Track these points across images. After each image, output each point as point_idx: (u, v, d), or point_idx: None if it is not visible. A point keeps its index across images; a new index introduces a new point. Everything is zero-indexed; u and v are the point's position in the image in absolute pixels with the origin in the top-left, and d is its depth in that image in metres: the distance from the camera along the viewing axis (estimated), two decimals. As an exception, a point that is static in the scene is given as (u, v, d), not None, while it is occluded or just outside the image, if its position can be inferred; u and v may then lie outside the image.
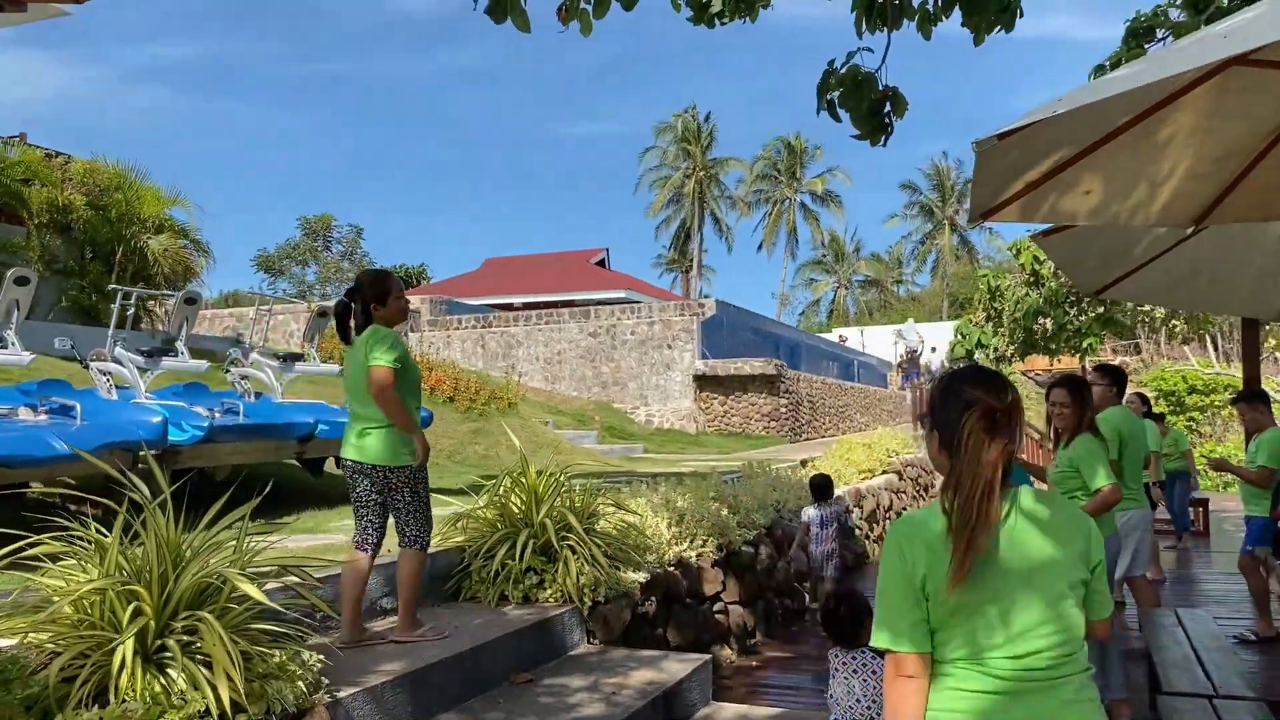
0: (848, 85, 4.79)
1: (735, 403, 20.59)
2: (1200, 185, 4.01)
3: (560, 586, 5.55)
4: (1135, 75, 2.81)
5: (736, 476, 10.32)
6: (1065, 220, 3.96)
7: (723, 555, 7.36)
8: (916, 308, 60.81)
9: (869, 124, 4.86)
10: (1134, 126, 3.49)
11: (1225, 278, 5.85)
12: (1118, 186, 3.84)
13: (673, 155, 61.97)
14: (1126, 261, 5.59)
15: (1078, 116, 3.05)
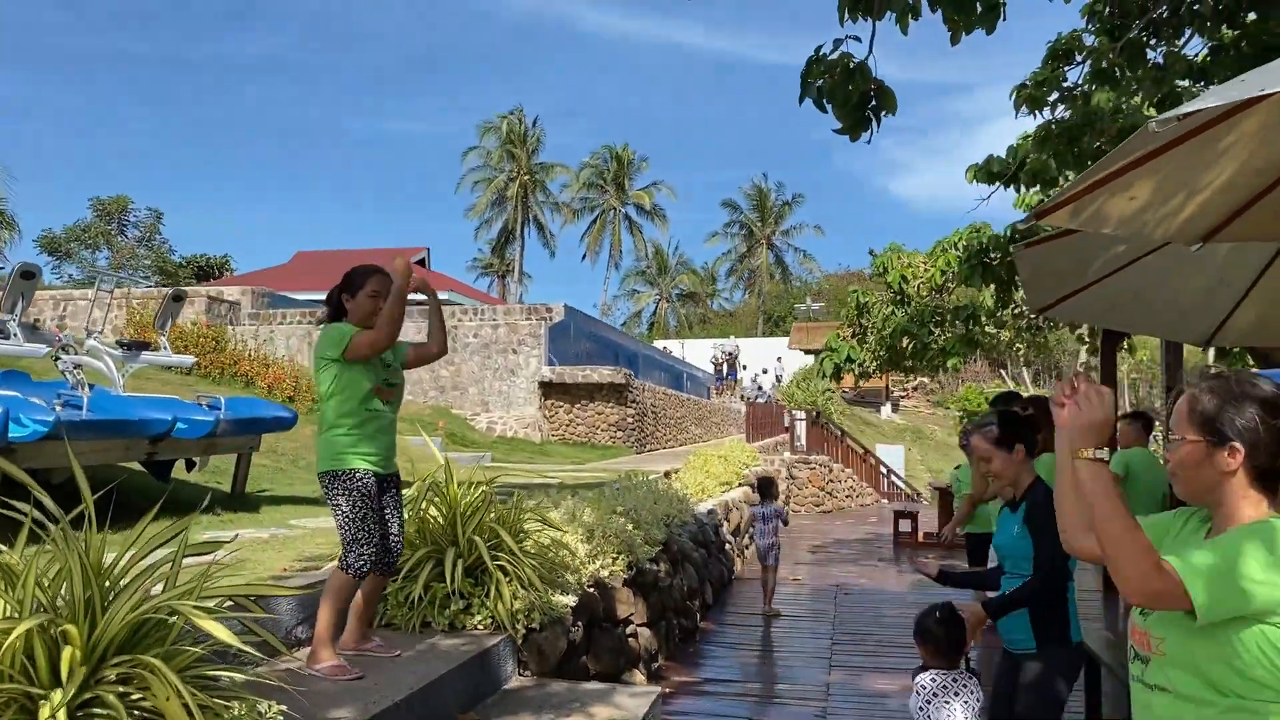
0: (838, 74, 4.47)
1: (582, 411, 20.15)
2: (1222, 201, 3.90)
3: (491, 612, 4.97)
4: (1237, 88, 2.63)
5: (615, 489, 9.92)
6: (1100, 226, 3.78)
7: (632, 574, 6.92)
8: (734, 323, 62.21)
9: (853, 117, 4.56)
10: (1203, 133, 3.30)
11: (1159, 302, 5.90)
12: (1161, 195, 3.66)
13: (497, 157, 61.05)
14: (1075, 281, 5.53)
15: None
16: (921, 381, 49.35)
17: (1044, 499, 3.60)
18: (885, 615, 9.26)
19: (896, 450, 29.46)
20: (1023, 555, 3.61)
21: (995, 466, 3.69)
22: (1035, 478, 3.72)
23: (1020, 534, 3.62)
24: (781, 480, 19.44)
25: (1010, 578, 3.70)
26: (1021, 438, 3.71)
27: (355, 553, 4.03)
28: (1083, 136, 7.35)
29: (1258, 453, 1.91)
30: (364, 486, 4.05)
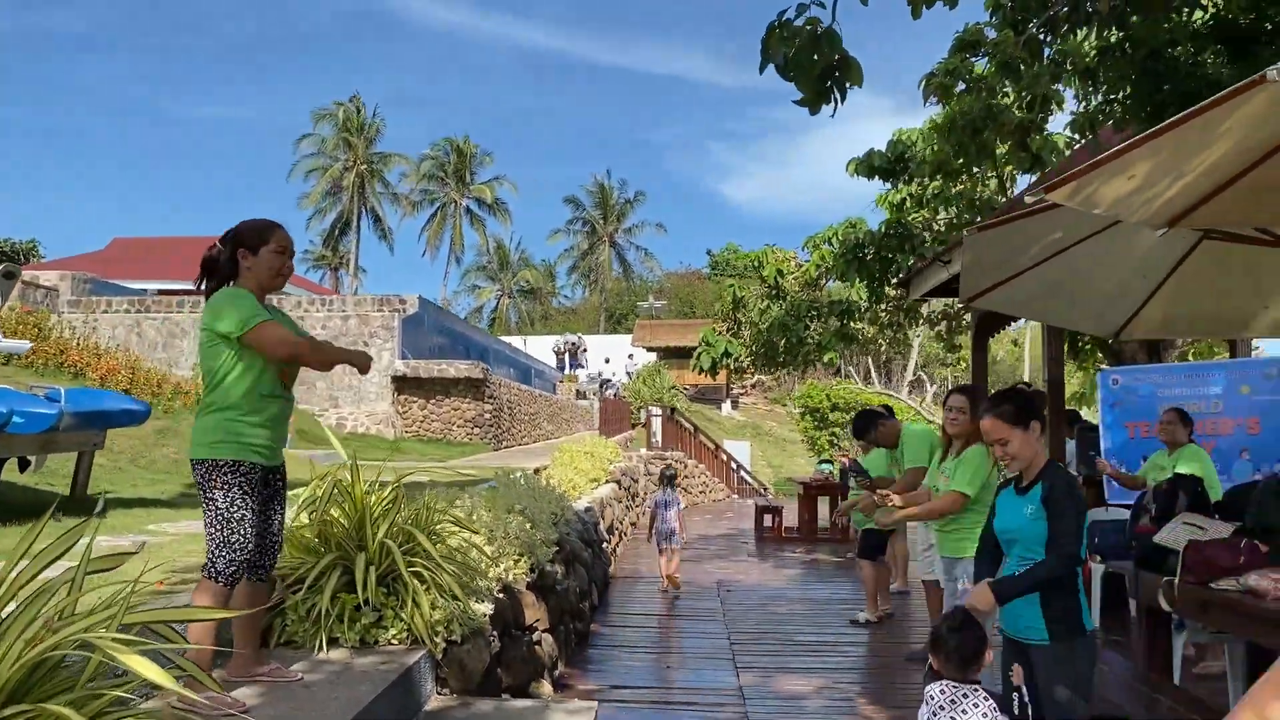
0: (804, 39, 4.18)
1: (437, 407, 19.37)
2: (1196, 185, 3.82)
3: (407, 624, 4.45)
4: None
5: (491, 486, 9.44)
6: (1093, 206, 3.63)
7: (534, 577, 6.48)
8: (576, 320, 62.00)
9: (815, 88, 4.28)
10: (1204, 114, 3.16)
11: (1077, 294, 5.90)
12: (1155, 176, 3.54)
13: (332, 145, 58.80)
14: (1007, 270, 5.45)
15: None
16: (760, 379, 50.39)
17: (1064, 480, 3.49)
18: (775, 612, 9.11)
19: (743, 446, 29.84)
20: (1036, 538, 3.43)
21: (1014, 447, 3.52)
22: (1049, 459, 3.57)
23: (1035, 515, 3.45)
24: (639, 477, 19.26)
25: (1020, 562, 3.50)
26: (1036, 415, 3.55)
27: (225, 557, 3.48)
28: (984, 129, 7.37)
29: None
30: (248, 481, 3.51)
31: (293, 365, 3.73)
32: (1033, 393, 3.72)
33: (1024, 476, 3.57)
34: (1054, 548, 3.35)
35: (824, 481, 15.05)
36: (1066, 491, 3.41)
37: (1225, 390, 7.65)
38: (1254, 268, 5.53)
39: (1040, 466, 3.53)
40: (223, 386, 3.50)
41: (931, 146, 10.64)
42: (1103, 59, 7.76)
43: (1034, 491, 3.48)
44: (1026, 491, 3.53)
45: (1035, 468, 3.53)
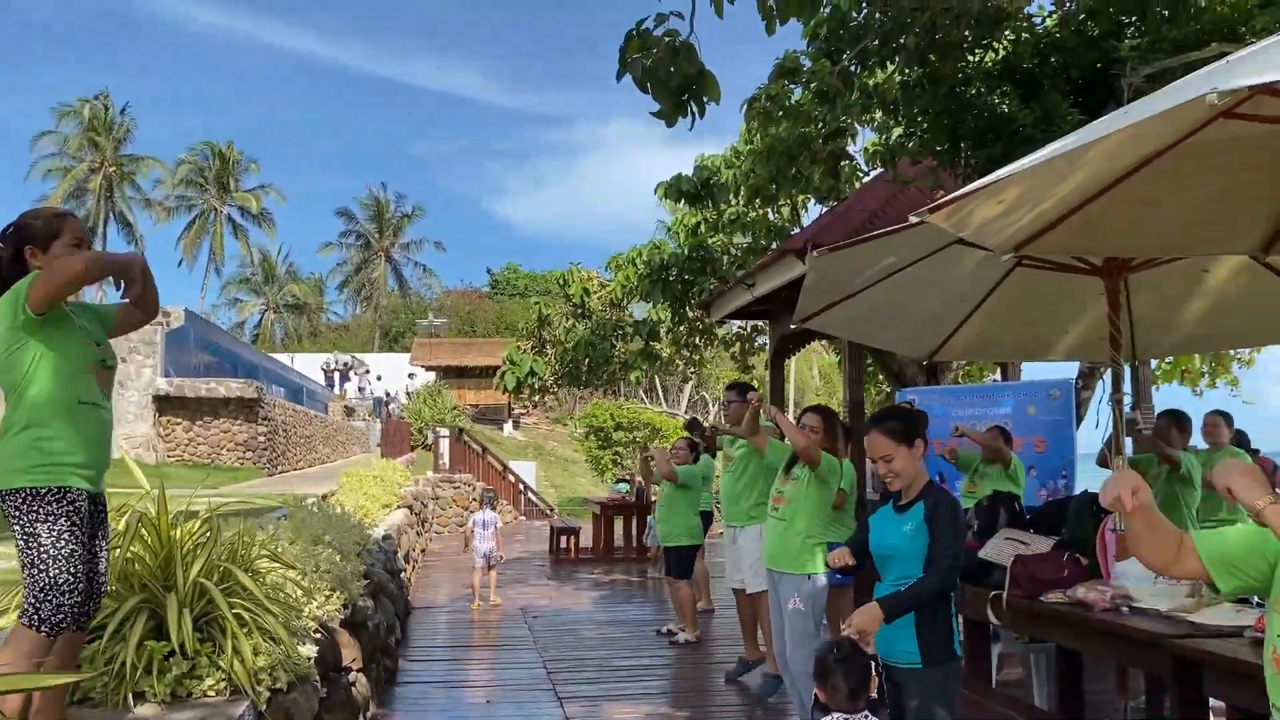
0: (662, 51, 4.07)
1: (204, 430, 17.94)
2: (1045, 213, 3.97)
3: (226, 672, 3.96)
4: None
5: (282, 515, 8.78)
6: (961, 229, 3.69)
7: (348, 613, 6.01)
8: (348, 337, 59.77)
9: (672, 100, 4.19)
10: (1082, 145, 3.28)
11: (901, 318, 6.09)
12: (1020, 202, 3.64)
13: (76, 144, 54.19)
14: (841, 292, 5.55)
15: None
16: (541, 399, 50.21)
17: (945, 499, 3.50)
18: (586, 637, 8.94)
19: (529, 466, 29.53)
20: (915, 556, 3.42)
21: (898, 464, 3.49)
22: (929, 479, 3.58)
23: (915, 533, 3.43)
24: (428, 501, 18.64)
25: (897, 580, 3.47)
26: (919, 434, 3.55)
27: (52, 601, 2.98)
28: (799, 156, 7.55)
29: None
30: (75, 510, 3.01)
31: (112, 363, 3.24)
32: (917, 412, 3.74)
33: (904, 494, 3.57)
34: (937, 564, 3.36)
35: (620, 501, 15.04)
36: (948, 510, 3.44)
37: (1014, 410, 8.15)
38: (1058, 295, 5.87)
39: (921, 485, 3.54)
40: (29, 399, 2.97)
41: (736, 172, 10.89)
42: (905, 93, 8.14)
43: (914, 510, 3.48)
44: (906, 510, 3.52)
45: (916, 486, 3.53)
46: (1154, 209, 4.09)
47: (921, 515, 3.43)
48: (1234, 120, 3.55)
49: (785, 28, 8.65)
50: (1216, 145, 3.74)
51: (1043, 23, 8.42)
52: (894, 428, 3.50)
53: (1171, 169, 3.83)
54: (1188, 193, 4.04)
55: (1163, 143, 3.67)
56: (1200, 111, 3.39)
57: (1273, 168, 3.91)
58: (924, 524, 3.40)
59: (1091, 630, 4.43)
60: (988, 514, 5.62)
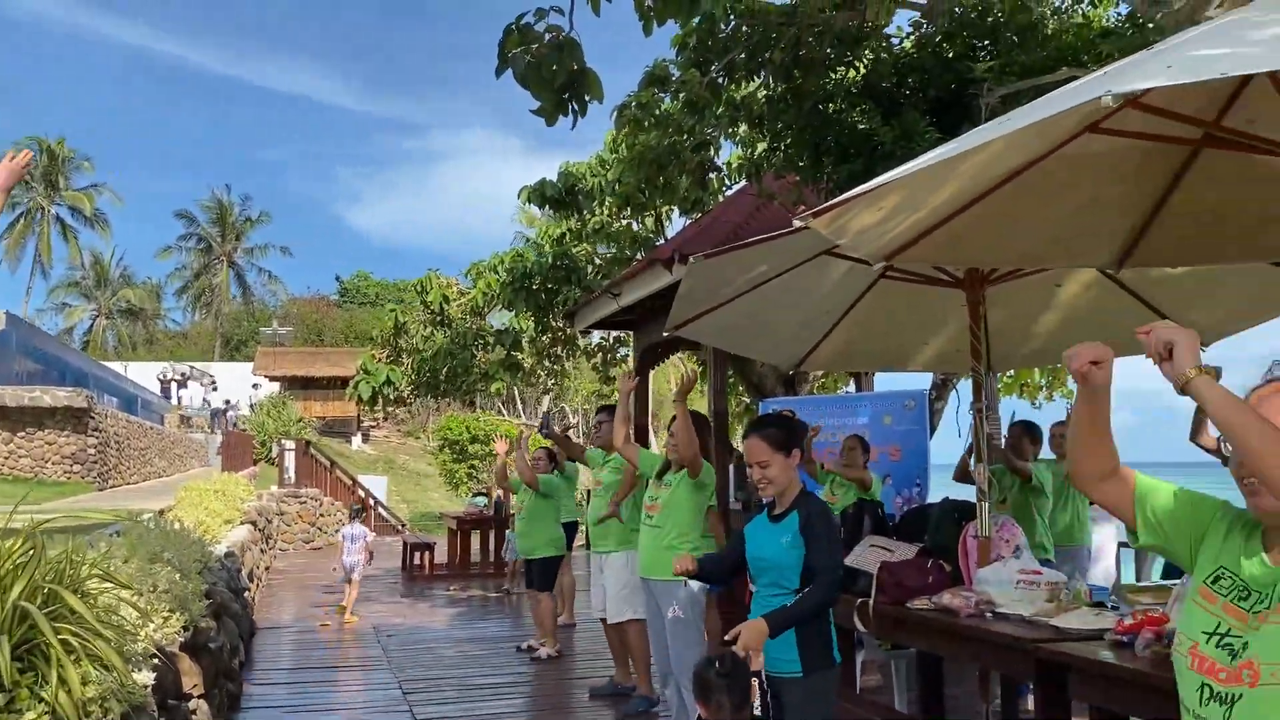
0: (545, 47, 3.94)
1: (27, 441, 16.63)
2: (918, 222, 4.01)
3: (50, 704, 3.58)
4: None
5: (116, 531, 8.18)
6: (839, 237, 3.67)
7: (189, 636, 5.59)
8: (187, 346, 57.04)
9: (554, 98, 4.06)
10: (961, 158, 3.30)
11: (770, 327, 6.10)
12: (896, 211, 3.65)
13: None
14: (715, 300, 5.51)
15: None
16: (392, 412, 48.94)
17: (820, 507, 3.46)
18: (444, 655, 8.64)
19: (380, 481, 28.68)
20: (791, 566, 3.37)
21: (773, 471, 3.42)
22: (803, 486, 3.53)
23: (792, 544, 3.37)
24: (273, 517, 17.84)
25: (773, 590, 3.41)
26: (798, 444, 3.50)
27: None
28: (669, 165, 7.52)
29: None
30: None
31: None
32: (797, 422, 3.71)
33: (777, 504, 3.52)
34: (820, 576, 3.31)
35: (478, 516, 14.72)
36: (822, 519, 3.40)
37: (871, 420, 8.32)
38: (919, 307, 5.99)
39: (794, 495, 3.49)
40: None
41: (601, 179, 10.82)
42: (771, 108, 8.22)
43: (789, 519, 3.43)
44: (781, 520, 3.47)
45: (789, 495, 3.48)
46: (1019, 221, 4.18)
47: (797, 525, 3.38)
48: (1099, 135, 3.66)
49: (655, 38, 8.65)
50: (1081, 159, 3.85)
51: (901, 43, 8.66)
52: (774, 435, 3.45)
53: (1038, 182, 3.92)
54: (1051, 206, 4.16)
55: (1032, 155, 3.76)
56: (1073, 120, 3.50)
57: (1132, 182, 4.06)
58: (799, 534, 3.36)
59: (957, 636, 4.49)
60: (853, 521, 5.66)
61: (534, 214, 15.57)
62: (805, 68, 7.95)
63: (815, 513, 3.41)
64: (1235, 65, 2.15)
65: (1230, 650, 1.66)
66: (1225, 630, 1.68)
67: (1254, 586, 1.69)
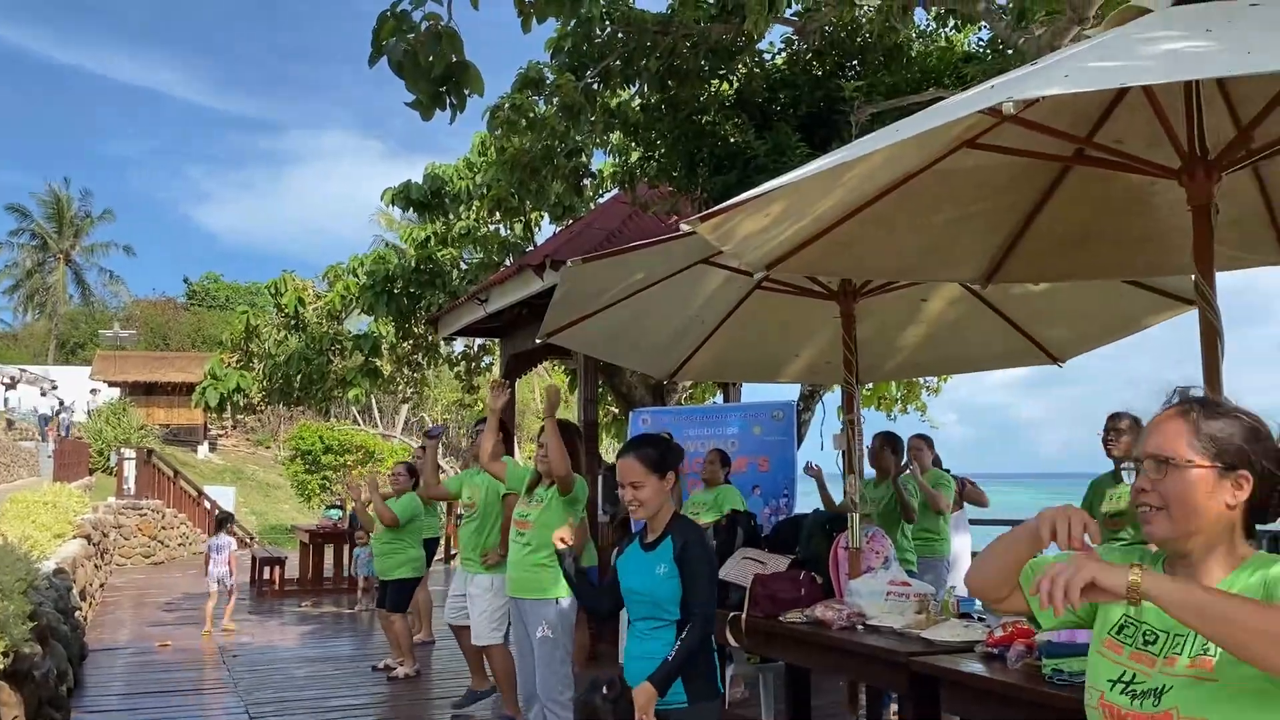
0: (422, 36, 3.74)
1: None
2: (801, 231, 3.97)
3: None
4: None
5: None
6: (723, 243, 3.57)
7: (9, 662, 5.11)
8: (17, 348, 53.50)
9: (430, 91, 3.87)
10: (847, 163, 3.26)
11: (645, 336, 6.01)
12: (781, 219, 3.59)
13: None
14: (590, 306, 5.38)
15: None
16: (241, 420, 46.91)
17: (695, 534, 3.28)
18: (295, 676, 8.21)
19: (228, 492, 27.39)
20: (669, 598, 3.19)
21: (646, 493, 3.22)
22: (676, 511, 3.36)
23: (667, 574, 3.18)
24: (109, 530, 16.80)
25: (652, 623, 3.24)
26: (673, 468, 3.33)
27: None
28: (543, 169, 7.36)
29: (1261, 484, 1.63)
30: None
31: None
32: (675, 444, 3.58)
33: (650, 530, 3.34)
34: (696, 614, 3.15)
35: (332, 529, 14.16)
36: (699, 547, 3.22)
37: (740, 431, 8.33)
38: (791, 318, 6.01)
39: (668, 520, 3.31)
40: None
41: (469, 183, 10.57)
42: (646, 116, 8.17)
43: (663, 547, 3.25)
44: (654, 547, 3.29)
45: (662, 521, 3.30)
46: (896, 234, 4.20)
47: (671, 554, 3.20)
48: (976, 150, 3.69)
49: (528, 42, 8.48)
50: (956, 174, 3.88)
51: (773, 59, 8.74)
52: (650, 455, 3.27)
53: (915, 195, 3.94)
54: (926, 220, 4.19)
55: (911, 168, 3.77)
56: (953, 134, 3.51)
57: (1003, 198, 4.13)
58: (674, 564, 3.19)
59: (830, 649, 4.47)
60: (726, 533, 5.61)
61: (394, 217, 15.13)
62: (680, 78, 7.94)
63: (692, 540, 3.23)
64: (1132, 77, 2.15)
65: (1134, 695, 1.61)
66: (1131, 678, 1.64)
67: (1159, 628, 1.64)
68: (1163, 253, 4.32)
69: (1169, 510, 1.62)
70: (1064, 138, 3.46)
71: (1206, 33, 2.46)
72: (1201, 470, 1.61)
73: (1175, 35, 2.46)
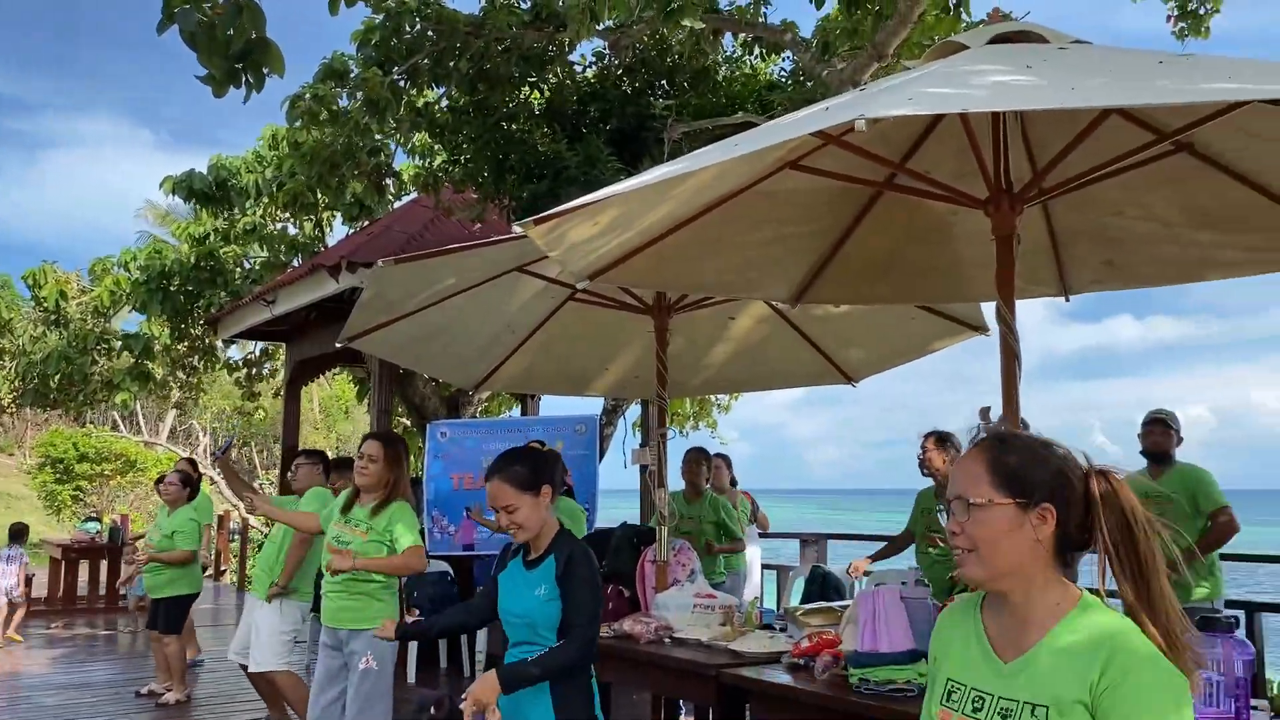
0: (224, 8, 3.46)
1: None
2: (626, 242, 3.94)
3: None
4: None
5: None
6: (551, 249, 3.45)
7: None
8: None
9: (227, 66, 3.59)
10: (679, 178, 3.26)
11: (454, 343, 5.83)
12: (609, 227, 3.54)
13: None
14: (397, 310, 5.15)
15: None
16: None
17: (580, 552, 3.04)
18: (44, 705, 7.44)
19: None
20: (549, 621, 2.97)
21: (522, 515, 2.97)
22: (560, 527, 3.12)
23: (549, 596, 2.96)
24: None
25: (526, 648, 2.99)
26: (548, 479, 3.07)
27: None
28: (344, 165, 7.05)
29: (1068, 516, 1.60)
30: None
31: None
32: (546, 453, 3.32)
33: (532, 548, 3.10)
34: (574, 634, 2.93)
35: (89, 544, 13.00)
36: (584, 564, 3.01)
37: (542, 445, 8.22)
38: (604, 331, 6.00)
39: (550, 537, 3.08)
40: None
41: (259, 177, 10.00)
42: (454, 118, 7.99)
43: (545, 566, 3.03)
44: (536, 566, 3.06)
45: (545, 539, 3.07)
46: (716, 251, 4.25)
47: (554, 574, 2.99)
48: (797, 171, 3.77)
49: (333, 36, 8.08)
50: (777, 195, 3.97)
51: (584, 71, 8.76)
52: (519, 474, 3.01)
53: (737, 213, 4.00)
54: (745, 238, 4.26)
55: (736, 186, 3.81)
56: (783, 151, 3.58)
57: (818, 221, 4.25)
58: (556, 584, 2.98)
59: (639, 662, 4.44)
60: (532, 548, 5.50)
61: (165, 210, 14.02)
62: (490, 82, 7.81)
63: (576, 557, 3.02)
64: (969, 104, 2.23)
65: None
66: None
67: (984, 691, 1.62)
68: (957, 280, 4.58)
69: (978, 552, 1.60)
70: (882, 162, 3.59)
71: (1027, 69, 2.60)
72: (1002, 508, 1.58)
73: (1000, 70, 2.59)
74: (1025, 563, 1.58)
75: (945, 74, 2.56)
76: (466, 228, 8.79)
